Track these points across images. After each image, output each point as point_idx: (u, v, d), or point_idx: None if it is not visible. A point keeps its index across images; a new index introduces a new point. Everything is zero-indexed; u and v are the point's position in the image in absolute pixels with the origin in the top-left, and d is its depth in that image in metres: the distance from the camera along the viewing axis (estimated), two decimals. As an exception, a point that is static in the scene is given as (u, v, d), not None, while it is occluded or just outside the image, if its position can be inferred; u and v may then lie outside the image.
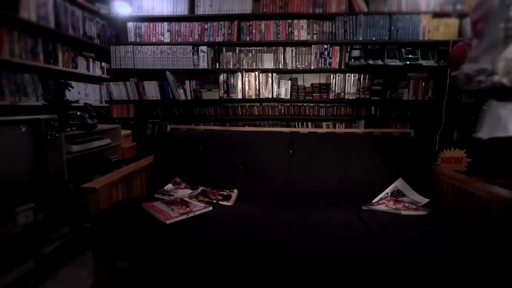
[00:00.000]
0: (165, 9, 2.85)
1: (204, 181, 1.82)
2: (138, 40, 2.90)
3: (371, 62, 2.75)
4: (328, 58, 2.83)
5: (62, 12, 2.27)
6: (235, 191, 1.75)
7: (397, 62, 2.74)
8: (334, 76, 2.84)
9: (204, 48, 2.84)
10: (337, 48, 2.81)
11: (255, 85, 2.86)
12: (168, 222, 1.27)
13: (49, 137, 1.62)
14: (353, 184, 1.80)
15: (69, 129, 1.91)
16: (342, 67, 2.83)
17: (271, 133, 2.15)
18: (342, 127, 2.90)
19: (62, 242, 1.73)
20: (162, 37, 2.90)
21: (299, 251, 1.17)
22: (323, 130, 2.76)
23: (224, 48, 2.87)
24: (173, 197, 1.58)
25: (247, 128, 2.73)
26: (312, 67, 2.84)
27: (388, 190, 1.69)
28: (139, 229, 1.28)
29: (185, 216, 1.31)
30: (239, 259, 1.20)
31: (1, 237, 1.43)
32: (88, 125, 2.02)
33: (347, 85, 2.83)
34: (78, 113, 2.01)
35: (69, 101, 1.95)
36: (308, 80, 2.98)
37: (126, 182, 1.64)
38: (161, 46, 2.86)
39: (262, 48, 2.86)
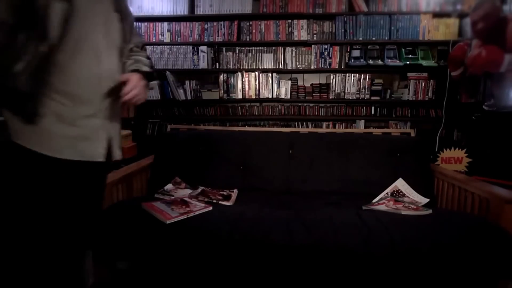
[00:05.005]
0: (165, 9, 2.85)
1: (204, 181, 1.82)
2: (138, 40, 2.90)
3: (371, 62, 2.75)
4: (328, 58, 2.82)
5: (62, 12, 2.26)
6: (235, 191, 1.75)
7: (397, 62, 2.74)
8: (334, 76, 2.84)
9: (204, 48, 2.84)
10: (337, 48, 2.81)
11: (255, 85, 2.86)
12: (168, 222, 1.27)
13: (49, 137, 1.61)
14: (353, 184, 1.80)
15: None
16: (342, 67, 2.83)
17: (271, 133, 2.15)
18: (342, 127, 2.90)
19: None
20: (162, 37, 2.90)
21: (299, 251, 1.17)
22: (323, 130, 2.76)
23: (224, 48, 2.87)
24: (173, 197, 1.58)
25: (247, 128, 2.73)
26: (312, 67, 2.84)
27: (388, 190, 1.69)
28: (139, 229, 1.28)
29: (185, 216, 1.31)
30: (239, 259, 1.20)
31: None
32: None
33: (347, 85, 2.83)
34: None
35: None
36: (308, 80, 2.98)
37: (126, 182, 1.64)
38: (161, 46, 2.86)
39: (262, 48, 2.86)
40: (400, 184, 1.70)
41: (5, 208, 0.85)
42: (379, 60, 2.76)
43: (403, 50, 2.77)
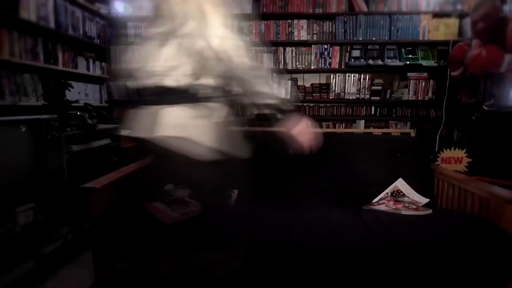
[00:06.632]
0: (165, 9, 2.85)
1: (204, 181, 1.82)
2: (138, 40, 2.90)
3: (371, 62, 2.75)
4: (328, 58, 2.83)
5: (62, 12, 2.26)
6: (235, 191, 1.75)
7: (397, 62, 2.74)
8: (334, 76, 2.84)
9: (204, 48, 2.84)
10: (337, 48, 2.81)
11: (255, 85, 2.86)
12: (168, 222, 1.26)
13: (49, 137, 1.62)
14: (353, 184, 1.79)
15: (69, 129, 1.91)
16: (342, 67, 2.83)
17: (271, 133, 2.14)
18: (342, 127, 2.90)
19: (62, 242, 1.73)
20: (162, 37, 2.89)
21: (298, 251, 1.17)
22: (323, 130, 2.76)
23: (224, 48, 2.87)
24: (173, 197, 1.58)
25: (247, 128, 2.73)
26: (312, 67, 2.84)
27: (388, 190, 1.68)
28: (139, 229, 1.28)
29: (185, 217, 1.31)
30: (239, 259, 1.20)
31: (1, 237, 1.43)
32: (88, 125, 2.02)
33: (347, 85, 2.83)
34: (78, 113, 2.01)
35: (69, 101, 1.95)
36: (308, 80, 2.98)
37: (126, 182, 1.64)
38: (161, 46, 2.86)
39: (262, 48, 2.86)
40: (400, 184, 1.70)
41: None
42: (379, 60, 2.76)
43: (403, 50, 2.77)
